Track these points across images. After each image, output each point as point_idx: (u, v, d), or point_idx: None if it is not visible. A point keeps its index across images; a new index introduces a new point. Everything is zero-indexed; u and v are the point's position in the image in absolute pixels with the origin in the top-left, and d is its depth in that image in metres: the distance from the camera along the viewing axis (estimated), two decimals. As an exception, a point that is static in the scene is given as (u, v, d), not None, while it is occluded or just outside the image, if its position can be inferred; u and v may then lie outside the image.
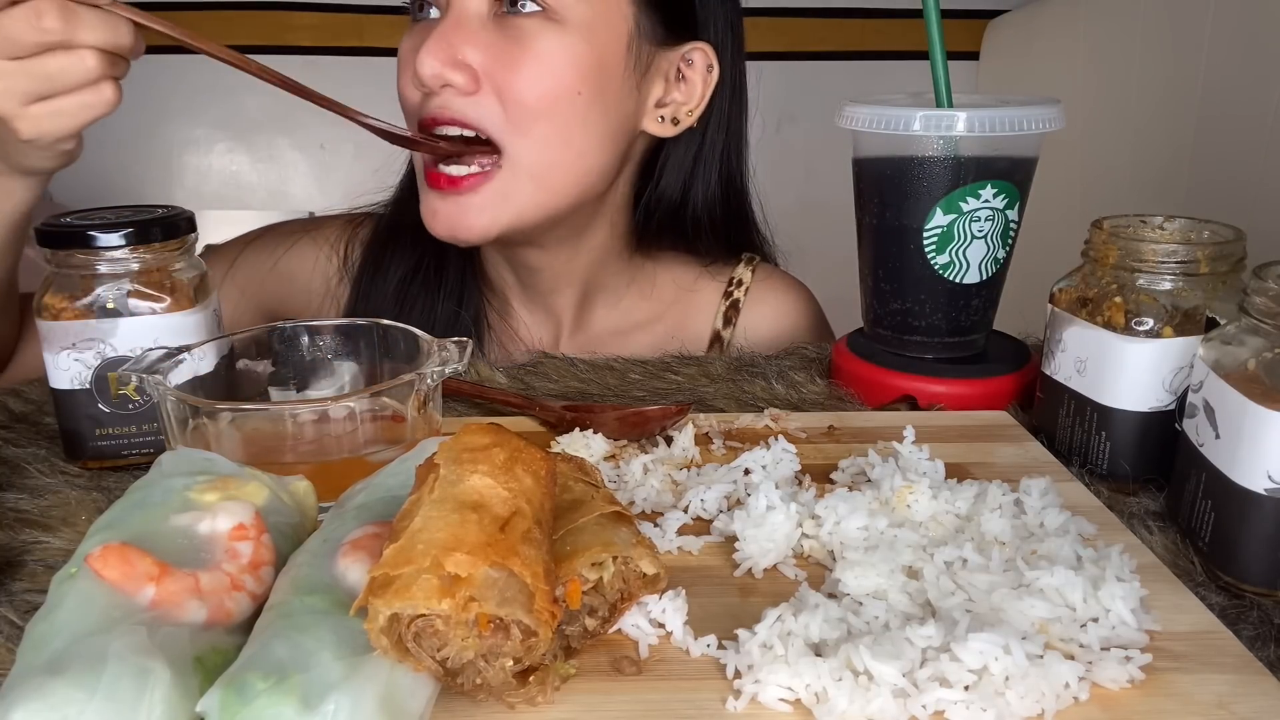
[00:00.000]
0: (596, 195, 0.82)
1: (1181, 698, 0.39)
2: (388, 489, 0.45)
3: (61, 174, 0.71)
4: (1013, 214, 0.68)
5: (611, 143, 0.79)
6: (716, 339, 0.93)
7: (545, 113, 0.74)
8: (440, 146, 0.75)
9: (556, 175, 0.77)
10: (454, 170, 0.76)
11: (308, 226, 0.98)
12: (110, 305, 0.58)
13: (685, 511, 0.53)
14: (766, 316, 0.94)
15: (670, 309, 0.93)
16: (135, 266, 0.58)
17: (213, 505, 0.42)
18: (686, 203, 0.88)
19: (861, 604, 0.43)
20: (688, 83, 0.82)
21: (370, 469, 0.48)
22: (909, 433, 0.57)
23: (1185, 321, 0.56)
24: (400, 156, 0.91)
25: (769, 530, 0.48)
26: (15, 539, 0.52)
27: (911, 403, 0.69)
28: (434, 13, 0.77)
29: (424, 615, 0.35)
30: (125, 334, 0.59)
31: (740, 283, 0.93)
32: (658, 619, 0.43)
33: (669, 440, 0.62)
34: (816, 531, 0.49)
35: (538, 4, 0.73)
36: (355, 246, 0.93)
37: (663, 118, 0.82)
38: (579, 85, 0.75)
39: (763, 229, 0.95)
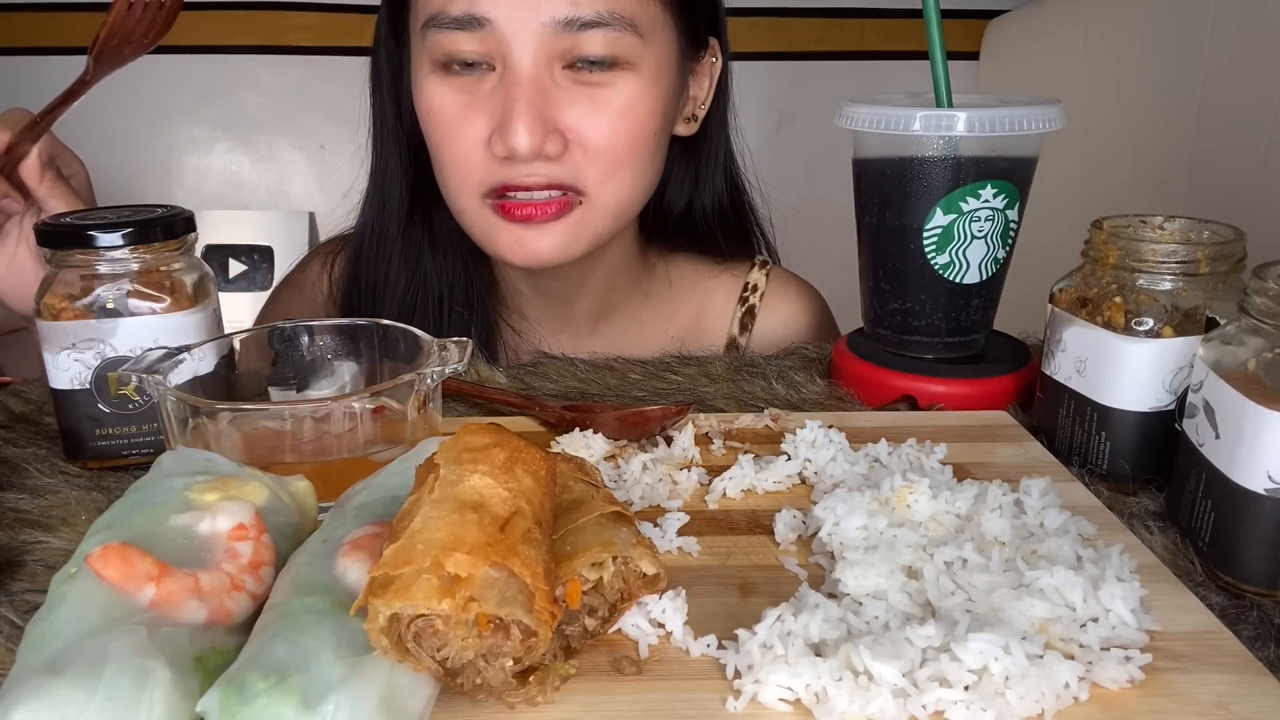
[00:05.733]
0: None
1: (1181, 698, 0.39)
2: (388, 489, 0.45)
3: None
4: (1013, 214, 0.68)
5: (664, 160, 0.81)
6: (733, 344, 0.93)
7: (629, 159, 0.76)
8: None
9: (631, 207, 0.79)
10: (528, 197, 0.74)
11: (290, 279, 0.97)
12: (110, 305, 0.58)
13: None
14: (781, 321, 0.94)
15: (683, 310, 0.94)
16: (135, 266, 0.58)
17: (213, 505, 0.42)
18: (695, 199, 0.88)
19: (861, 604, 0.43)
20: (697, 78, 0.83)
21: (370, 469, 0.48)
22: (940, 450, 0.58)
23: (1185, 321, 0.56)
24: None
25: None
26: (15, 539, 0.52)
27: (911, 403, 0.69)
28: (479, 70, 0.73)
29: (424, 615, 0.35)
30: (125, 334, 0.59)
31: (755, 288, 0.93)
32: (658, 619, 0.43)
33: (669, 440, 0.62)
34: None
35: (609, 62, 0.72)
36: (337, 274, 0.91)
37: (686, 119, 0.83)
38: (655, 124, 0.76)
39: (765, 226, 0.95)
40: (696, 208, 0.89)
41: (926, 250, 0.67)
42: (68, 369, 0.59)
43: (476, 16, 0.70)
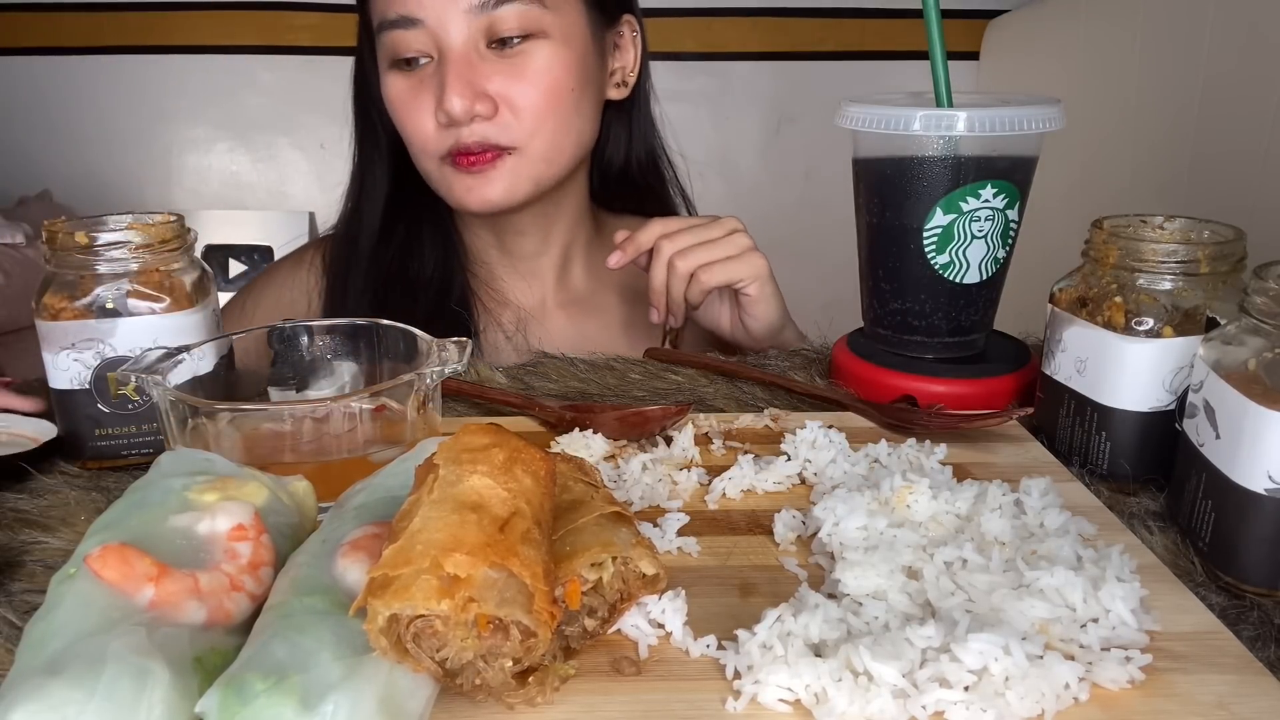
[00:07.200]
0: (583, 159, 0.97)
1: (1182, 698, 0.39)
2: (387, 489, 0.45)
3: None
4: (1013, 214, 0.68)
5: (595, 115, 0.95)
6: None
7: (551, 113, 0.88)
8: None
9: (562, 153, 0.91)
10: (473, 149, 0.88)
11: (289, 255, 1.09)
12: (109, 305, 0.58)
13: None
14: None
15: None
16: (134, 266, 0.58)
17: (212, 505, 0.42)
18: (630, 159, 1.02)
19: (861, 604, 0.43)
20: (622, 50, 0.97)
21: (370, 469, 0.48)
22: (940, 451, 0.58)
23: (1185, 321, 0.56)
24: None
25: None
26: (14, 539, 0.52)
27: (911, 403, 0.69)
28: (422, 61, 0.87)
29: (423, 616, 0.35)
30: (125, 334, 0.59)
31: None
32: (657, 619, 0.43)
33: (669, 440, 0.62)
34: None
35: (523, 34, 0.86)
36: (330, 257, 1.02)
37: (617, 84, 0.97)
38: (571, 83, 0.89)
39: (684, 183, 1.09)
40: (633, 161, 1.03)
41: (926, 250, 0.67)
42: (67, 369, 0.59)
43: (409, 17, 0.85)
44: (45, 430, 0.62)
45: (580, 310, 1.02)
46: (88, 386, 0.59)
